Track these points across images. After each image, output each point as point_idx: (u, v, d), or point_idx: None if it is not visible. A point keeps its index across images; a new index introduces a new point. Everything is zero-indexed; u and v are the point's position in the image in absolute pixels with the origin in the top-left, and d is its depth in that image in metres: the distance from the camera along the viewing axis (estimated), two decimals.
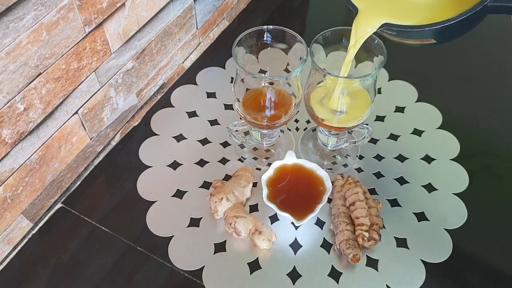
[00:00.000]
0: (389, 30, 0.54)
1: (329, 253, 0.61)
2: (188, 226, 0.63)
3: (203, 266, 0.60)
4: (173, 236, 0.62)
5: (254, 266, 0.60)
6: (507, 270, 0.61)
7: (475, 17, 0.48)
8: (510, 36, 0.87)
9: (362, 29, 0.56)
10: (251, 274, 0.59)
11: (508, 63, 0.83)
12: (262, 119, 0.63)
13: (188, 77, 0.81)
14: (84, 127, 0.65)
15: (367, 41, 0.58)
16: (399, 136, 0.73)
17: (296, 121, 0.75)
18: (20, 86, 0.52)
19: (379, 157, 0.70)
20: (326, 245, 0.62)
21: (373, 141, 0.72)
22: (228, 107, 0.76)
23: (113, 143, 0.72)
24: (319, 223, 0.64)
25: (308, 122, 0.74)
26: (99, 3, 0.58)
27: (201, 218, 0.64)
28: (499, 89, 0.80)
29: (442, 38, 0.52)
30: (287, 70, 0.70)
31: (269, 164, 0.65)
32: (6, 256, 0.61)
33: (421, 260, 0.60)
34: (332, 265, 0.60)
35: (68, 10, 0.54)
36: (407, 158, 0.70)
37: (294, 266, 0.60)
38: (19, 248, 0.62)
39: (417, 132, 0.73)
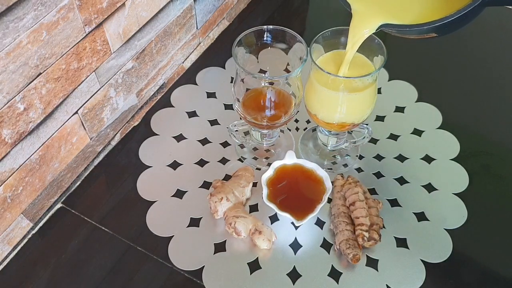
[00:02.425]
0: (388, 29, 0.54)
1: (329, 253, 0.61)
2: (188, 226, 0.63)
3: (203, 266, 0.60)
4: (173, 236, 0.62)
5: (254, 266, 0.60)
6: (507, 270, 0.61)
7: (474, 11, 0.48)
8: (510, 36, 0.88)
9: (360, 31, 0.55)
10: (251, 274, 0.59)
11: (508, 63, 0.83)
12: (262, 119, 0.63)
13: (188, 77, 0.81)
14: (84, 127, 0.65)
15: (367, 41, 0.58)
16: (399, 136, 0.73)
17: (296, 121, 0.75)
18: (20, 86, 0.52)
19: (379, 157, 0.70)
20: (326, 245, 0.62)
21: (373, 141, 0.72)
22: (228, 107, 0.76)
23: (113, 143, 0.72)
24: (319, 223, 0.64)
25: (308, 122, 0.74)
26: (99, 3, 0.58)
27: (201, 218, 0.64)
28: (499, 89, 0.80)
29: (443, 32, 0.53)
30: (287, 70, 0.70)
31: (269, 164, 0.65)
32: (6, 256, 0.61)
33: (421, 260, 0.60)
34: (332, 265, 0.60)
35: (68, 10, 0.54)
36: (407, 158, 0.70)
37: (294, 266, 0.60)
38: (19, 248, 0.62)
39: (417, 132, 0.73)
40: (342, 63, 0.58)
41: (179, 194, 0.66)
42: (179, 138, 0.73)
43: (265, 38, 0.63)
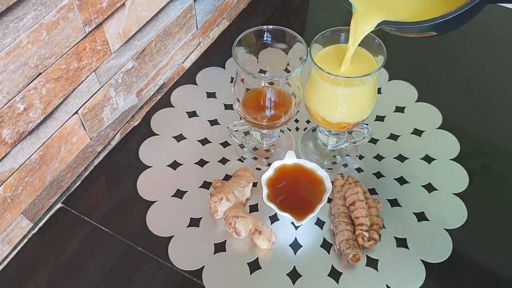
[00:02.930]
0: (388, 26, 0.54)
1: (329, 253, 0.61)
2: (188, 226, 0.63)
3: (203, 266, 0.60)
4: (173, 236, 0.62)
5: (254, 266, 0.60)
6: (507, 270, 0.61)
7: (474, 8, 0.48)
8: (510, 36, 0.88)
9: (360, 28, 0.56)
10: (251, 274, 0.59)
11: (508, 64, 0.83)
12: (262, 119, 0.63)
13: (188, 77, 0.81)
14: (84, 127, 0.65)
15: (367, 41, 0.58)
16: (399, 136, 0.73)
17: (296, 121, 0.75)
18: (20, 86, 0.52)
19: (379, 157, 0.70)
20: (326, 245, 0.62)
21: (373, 141, 0.72)
22: (228, 107, 0.76)
23: (113, 143, 0.72)
24: (319, 223, 0.64)
25: (308, 122, 0.74)
26: (99, 3, 0.58)
27: (201, 218, 0.64)
28: (499, 89, 0.80)
29: (443, 30, 0.53)
30: (287, 70, 0.70)
31: (269, 164, 0.65)
32: (6, 256, 0.61)
33: (421, 260, 0.60)
34: (332, 265, 0.60)
35: (68, 10, 0.54)
36: (407, 158, 0.70)
37: (294, 266, 0.60)
38: (19, 248, 0.62)
39: (417, 132, 0.73)
40: (343, 59, 0.58)
41: (179, 194, 0.66)
42: (179, 138, 0.73)
43: (265, 38, 0.63)
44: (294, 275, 0.59)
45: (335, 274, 0.59)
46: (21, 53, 0.51)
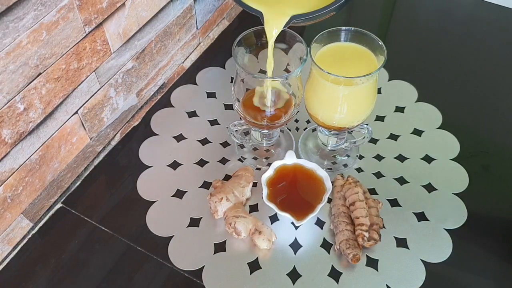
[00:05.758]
0: (298, 21, 0.57)
1: (329, 253, 0.61)
2: (188, 226, 0.63)
3: (203, 266, 0.60)
4: (173, 236, 0.62)
5: (254, 266, 0.60)
6: (507, 270, 0.61)
7: None
8: (510, 36, 0.88)
9: (271, 32, 0.59)
10: (251, 274, 0.59)
11: (508, 64, 0.83)
12: (262, 119, 0.63)
13: (188, 77, 0.81)
14: (84, 127, 0.65)
15: (367, 41, 0.58)
16: (399, 136, 0.73)
17: (296, 121, 0.75)
18: (20, 86, 0.52)
19: (379, 157, 0.70)
20: (326, 245, 0.62)
21: (373, 141, 0.72)
22: (228, 107, 0.76)
23: (113, 143, 0.72)
24: (319, 223, 0.64)
25: (308, 122, 0.74)
26: (99, 3, 0.58)
27: (201, 218, 0.64)
28: (499, 89, 0.80)
29: (341, 7, 0.56)
30: (287, 70, 0.70)
31: (269, 164, 0.65)
32: (6, 256, 0.61)
33: (421, 260, 0.60)
34: (332, 265, 0.60)
35: (68, 10, 0.54)
36: (407, 158, 0.70)
37: (294, 266, 0.60)
38: (19, 248, 0.62)
39: (417, 132, 0.73)
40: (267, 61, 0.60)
41: (179, 194, 0.66)
42: (179, 138, 0.73)
43: (265, 38, 0.63)
44: (294, 275, 0.59)
45: (335, 274, 0.59)
46: (21, 53, 0.51)
